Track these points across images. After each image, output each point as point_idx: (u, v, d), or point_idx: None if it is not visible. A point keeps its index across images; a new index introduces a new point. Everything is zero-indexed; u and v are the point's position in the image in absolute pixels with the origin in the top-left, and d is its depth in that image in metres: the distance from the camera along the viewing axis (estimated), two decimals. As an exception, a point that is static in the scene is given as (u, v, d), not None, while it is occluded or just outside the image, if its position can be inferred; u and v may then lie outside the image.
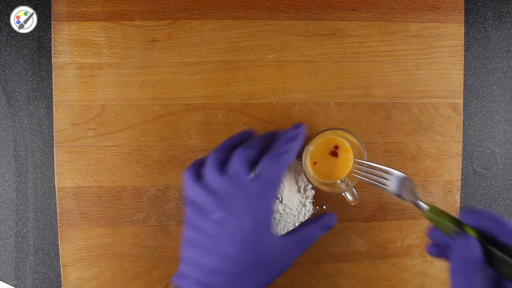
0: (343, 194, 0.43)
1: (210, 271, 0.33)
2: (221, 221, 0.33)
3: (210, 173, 0.34)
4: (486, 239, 0.30)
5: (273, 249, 0.34)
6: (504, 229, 0.29)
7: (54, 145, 0.46)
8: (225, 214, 0.33)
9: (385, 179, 0.38)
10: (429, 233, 0.35)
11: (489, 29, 0.50)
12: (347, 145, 0.44)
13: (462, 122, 0.48)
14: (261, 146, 0.36)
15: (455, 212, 0.48)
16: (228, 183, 0.33)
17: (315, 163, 0.44)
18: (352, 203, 0.44)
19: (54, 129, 0.46)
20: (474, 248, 0.29)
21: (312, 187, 0.47)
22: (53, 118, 0.46)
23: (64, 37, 0.45)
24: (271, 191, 0.34)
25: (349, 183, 0.44)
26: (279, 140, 0.36)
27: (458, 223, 0.32)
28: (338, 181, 0.45)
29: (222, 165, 0.35)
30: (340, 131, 0.43)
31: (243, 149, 0.35)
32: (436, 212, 0.33)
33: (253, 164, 0.35)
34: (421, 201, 0.35)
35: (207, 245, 0.33)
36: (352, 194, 0.43)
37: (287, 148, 0.35)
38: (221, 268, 0.33)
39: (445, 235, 0.32)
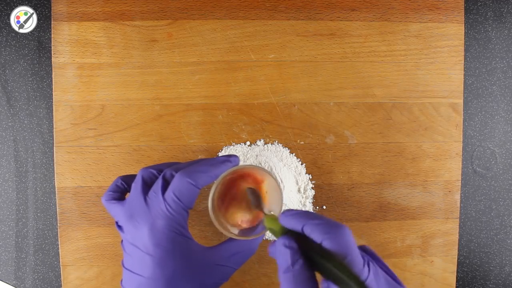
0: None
1: None
2: (131, 243, 0.33)
3: (132, 190, 0.35)
4: (307, 241, 0.29)
5: (195, 264, 0.33)
6: (312, 229, 0.29)
7: (54, 145, 0.46)
8: (131, 236, 0.33)
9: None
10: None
11: (489, 29, 0.50)
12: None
13: (462, 122, 0.48)
14: (183, 165, 0.35)
15: (455, 212, 0.48)
16: (140, 202, 0.33)
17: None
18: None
19: (54, 129, 0.46)
20: (286, 255, 0.29)
21: (312, 187, 0.47)
22: (53, 118, 0.46)
23: (64, 37, 0.45)
24: (173, 207, 0.32)
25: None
26: (199, 161, 0.35)
27: (284, 229, 0.31)
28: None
29: (144, 183, 0.34)
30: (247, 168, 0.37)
31: (171, 168, 0.35)
32: (269, 220, 0.33)
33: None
34: (264, 210, 0.34)
35: (126, 267, 0.34)
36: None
37: (203, 168, 0.34)
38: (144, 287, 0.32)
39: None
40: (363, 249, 0.33)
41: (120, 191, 0.37)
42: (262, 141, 0.46)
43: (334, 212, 0.47)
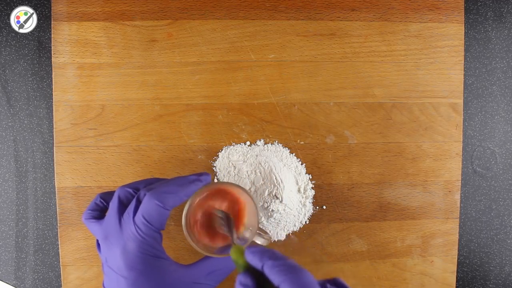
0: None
1: None
2: (106, 265, 0.33)
3: (109, 209, 0.35)
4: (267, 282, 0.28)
5: (171, 284, 0.33)
6: (270, 270, 0.27)
7: (54, 145, 0.46)
8: (106, 257, 0.33)
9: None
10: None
11: (489, 29, 0.50)
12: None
13: (462, 122, 0.48)
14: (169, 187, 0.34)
15: (455, 212, 0.48)
16: (115, 223, 0.33)
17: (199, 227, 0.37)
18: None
19: (54, 129, 0.46)
20: None
21: (312, 187, 0.47)
22: (53, 118, 0.46)
23: (64, 37, 0.45)
24: (142, 229, 0.32)
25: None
26: (168, 181, 0.34)
27: (247, 263, 0.30)
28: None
29: (120, 203, 0.34)
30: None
31: (145, 188, 0.34)
32: (235, 251, 0.31)
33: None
34: (233, 239, 0.33)
35: (108, 286, 0.33)
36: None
37: (172, 189, 0.33)
38: None
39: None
40: (333, 282, 0.31)
41: (100, 209, 0.37)
42: (262, 141, 0.46)
43: (334, 212, 0.47)
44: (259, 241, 0.37)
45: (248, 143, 0.46)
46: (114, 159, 0.46)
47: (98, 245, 0.35)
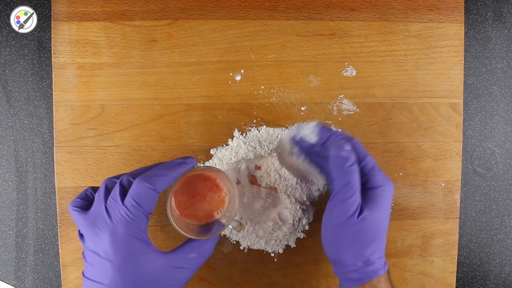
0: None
1: None
2: (91, 251, 0.33)
3: (95, 200, 0.35)
4: None
5: (155, 268, 0.34)
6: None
7: (54, 145, 0.46)
8: (92, 243, 0.33)
9: None
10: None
11: (489, 29, 0.50)
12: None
13: (462, 122, 0.48)
14: (141, 172, 0.35)
15: (455, 212, 0.48)
16: (101, 209, 0.34)
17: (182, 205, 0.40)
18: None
19: (54, 129, 0.46)
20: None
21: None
22: (53, 118, 0.46)
23: (64, 37, 0.45)
24: (133, 213, 0.33)
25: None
26: (157, 166, 0.36)
27: None
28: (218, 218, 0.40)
29: (107, 191, 0.35)
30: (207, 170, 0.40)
31: (129, 174, 0.35)
32: None
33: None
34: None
35: (86, 275, 0.34)
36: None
37: (161, 172, 0.34)
38: None
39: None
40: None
41: (88, 200, 0.37)
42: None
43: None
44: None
45: (244, 134, 0.46)
46: (114, 159, 0.46)
47: (81, 235, 0.36)
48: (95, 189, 0.38)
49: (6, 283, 0.49)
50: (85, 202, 0.37)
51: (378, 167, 0.38)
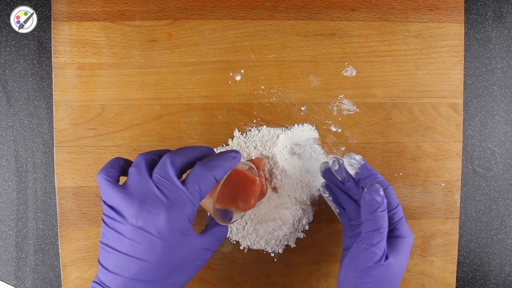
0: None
1: (129, 280, 0.32)
2: (140, 228, 0.32)
3: (133, 174, 0.33)
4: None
5: (193, 249, 0.34)
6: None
7: (54, 145, 0.46)
8: (143, 220, 0.32)
9: None
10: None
11: (489, 29, 0.50)
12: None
13: (462, 122, 0.48)
14: (193, 155, 0.35)
15: (455, 212, 0.48)
16: (149, 186, 0.32)
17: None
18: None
19: (54, 129, 0.46)
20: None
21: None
22: (53, 118, 0.46)
23: (64, 37, 0.45)
24: (194, 197, 0.33)
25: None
26: (215, 156, 0.35)
27: None
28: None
29: (149, 167, 0.33)
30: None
31: (172, 153, 0.34)
32: None
33: (181, 171, 0.34)
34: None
35: (125, 252, 0.32)
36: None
37: (221, 163, 0.34)
38: (140, 276, 0.32)
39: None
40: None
41: (120, 171, 0.35)
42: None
43: (334, 212, 0.47)
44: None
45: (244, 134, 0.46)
46: (114, 159, 0.46)
47: (109, 206, 0.33)
48: (127, 162, 0.36)
49: (6, 283, 0.49)
50: (118, 173, 0.34)
51: (404, 219, 0.40)
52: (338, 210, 0.43)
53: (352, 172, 0.40)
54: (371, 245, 0.36)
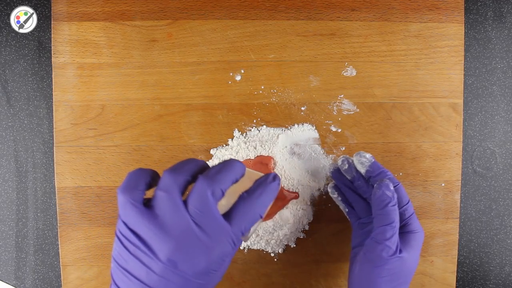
0: None
1: None
2: (174, 268, 0.28)
3: (165, 202, 0.28)
4: None
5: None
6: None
7: (54, 145, 0.46)
8: (180, 263, 0.28)
9: None
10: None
11: (489, 29, 0.50)
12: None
13: (462, 122, 0.48)
14: (231, 179, 0.30)
15: (455, 212, 0.48)
16: (186, 222, 0.27)
17: None
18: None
19: (54, 129, 0.46)
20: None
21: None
22: (53, 118, 0.46)
23: (64, 37, 0.45)
24: (237, 237, 0.29)
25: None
26: (259, 187, 0.31)
27: None
28: None
29: (182, 194, 0.28)
30: None
31: (210, 179, 0.28)
32: None
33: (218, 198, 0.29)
34: None
35: (153, 287, 0.28)
36: None
37: (266, 198, 0.31)
38: None
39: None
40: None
41: (146, 189, 0.30)
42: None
43: (336, 212, 0.47)
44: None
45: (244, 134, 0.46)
46: (114, 159, 0.46)
47: (136, 235, 0.28)
48: (152, 176, 0.30)
49: (6, 283, 0.49)
50: (144, 193, 0.29)
51: (415, 215, 0.40)
52: (347, 210, 0.44)
53: (362, 170, 0.41)
54: (384, 239, 0.37)
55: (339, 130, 0.47)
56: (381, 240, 0.37)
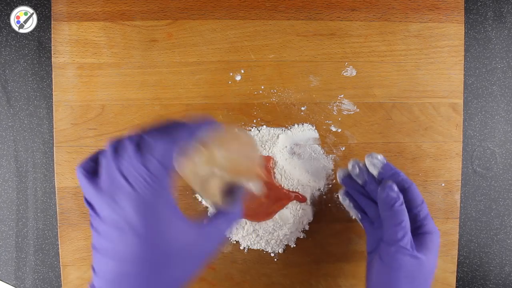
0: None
1: (113, 279, 0.29)
2: (113, 222, 0.28)
3: (104, 163, 0.29)
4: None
5: (186, 241, 0.30)
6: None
7: (54, 145, 0.46)
8: (112, 214, 0.28)
9: None
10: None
11: (489, 29, 0.50)
12: None
13: (462, 122, 0.48)
14: (160, 133, 0.30)
15: (455, 212, 0.48)
16: (115, 175, 0.28)
17: None
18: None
19: (54, 129, 0.46)
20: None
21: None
22: (53, 118, 0.46)
23: (64, 37, 0.45)
24: (164, 178, 0.28)
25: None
26: (181, 125, 0.30)
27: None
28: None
29: (115, 151, 0.29)
30: None
31: (136, 136, 0.29)
32: None
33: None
34: None
35: (105, 250, 0.29)
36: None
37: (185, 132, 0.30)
38: (124, 273, 0.28)
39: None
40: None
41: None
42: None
43: (336, 212, 0.47)
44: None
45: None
46: (114, 159, 0.46)
47: (89, 204, 0.30)
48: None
49: (6, 283, 0.49)
50: (96, 165, 0.30)
51: (430, 215, 0.40)
52: (360, 216, 0.42)
53: (374, 172, 0.40)
54: (396, 240, 0.36)
55: (339, 130, 0.47)
56: (394, 242, 0.36)
